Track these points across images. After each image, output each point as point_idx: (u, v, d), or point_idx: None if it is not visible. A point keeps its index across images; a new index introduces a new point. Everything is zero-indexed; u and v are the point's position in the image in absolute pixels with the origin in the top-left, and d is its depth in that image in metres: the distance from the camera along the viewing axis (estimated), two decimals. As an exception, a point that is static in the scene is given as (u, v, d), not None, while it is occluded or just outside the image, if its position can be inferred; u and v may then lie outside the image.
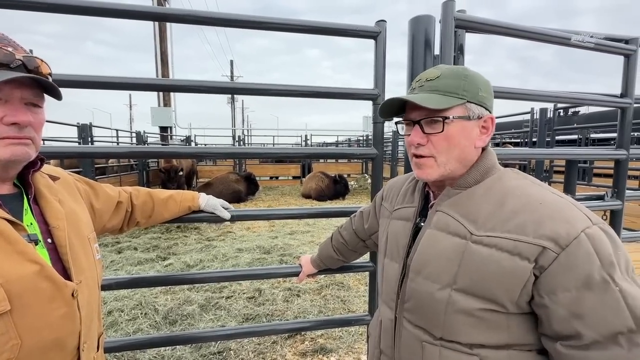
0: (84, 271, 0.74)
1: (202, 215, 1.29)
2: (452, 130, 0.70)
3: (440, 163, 0.72)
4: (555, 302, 0.59)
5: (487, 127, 0.74)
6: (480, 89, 0.72)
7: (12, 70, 0.63)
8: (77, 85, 1.19)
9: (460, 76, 0.71)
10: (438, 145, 0.71)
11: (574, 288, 0.57)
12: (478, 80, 0.72)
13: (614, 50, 1.62)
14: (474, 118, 0.71)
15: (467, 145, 0.72)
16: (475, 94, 0.71)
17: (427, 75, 0.74)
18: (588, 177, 5.79)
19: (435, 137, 0.71)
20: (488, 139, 0.75)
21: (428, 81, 0.73)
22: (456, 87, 0.70)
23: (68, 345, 0.69)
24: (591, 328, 0.56)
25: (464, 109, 0.71)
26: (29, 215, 0.71)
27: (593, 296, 0.56)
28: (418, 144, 0.73)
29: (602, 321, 0.56)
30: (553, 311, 0.59)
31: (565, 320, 0.58)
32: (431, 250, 0.72)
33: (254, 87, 1.36)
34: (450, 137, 0.70)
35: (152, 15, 1.34)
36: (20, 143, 0.67)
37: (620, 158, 1.78)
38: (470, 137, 0.72)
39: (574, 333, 0.58)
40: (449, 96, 0.70)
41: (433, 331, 0.70)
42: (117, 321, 2.74)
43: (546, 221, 0.61)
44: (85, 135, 6.09)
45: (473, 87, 0.71)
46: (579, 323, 0.57)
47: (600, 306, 0.56)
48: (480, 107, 0.72)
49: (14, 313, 0.60)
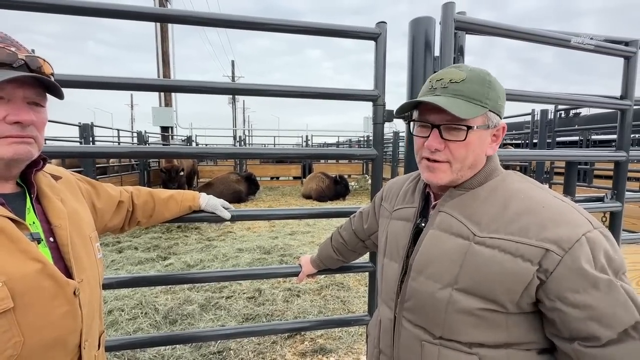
0: (86, 270, 0.75)
1: (203, 215, 1.29)
2: (472, 138, 0.69)
3: (455, 169, 0.71)
4: (569, 305, 0.59)
5: (498, 136, 0.74)
6: (500, 97, 0.71)
7: (14, 70, 0.64)
8: (79, 85, 1.20)
9: (485, 82, 0.69)
10: (456, 152, 0.70)
11: (582, 290, 0.58)
12: (498, 88, 0.71)
13: (613, 52, 1.63)
14: (491, 127, 0.71)
15: (480, 152, 0.72)
16: (495, 103, 0.70)
17: (451, 75, 0.70)
18: (588, 178, 5.79)
19: (455, 144, 0.69)
20: (497, 147, 0.75)
21: (452, 83, 0.69)
22: (481, 95, 0.68)
23: (70, 343, 0.70)
24: (607, 327, 0.58)
25: (485, 118, 0.70)
26: (32, 214, 0.72)
27: (602, 295, 0.58)
28: (436, 149, 0.70)
29: (615, 319, 0.58)
30: (567, 314, 0.60)
31: (581, 321, 0.59)
32: (434, 250, 0.72)
33: (255, 88, 1.36)
34: (469, 145, 0.69)
35: (154, 16, 1.34)
36: (23, 142, 0.68)
37: (620, 160, 1.78)
38: (484, 145, 0.72)
39: (591, 334, 0.59)
40: (474, 103, 0.68)
41: (433, 330, 0.71)
42: (117, 320, 2.75)
43: (549, 224, 0.62)
44: (86, 135, 6.10)
45: (495, 95, 0.70)
46: (595, 324, 0.58)
47: (612, 304, 0.58)
48: (497, 116, 0.72)
49: (16, 311, 0.61)
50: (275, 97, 1.41)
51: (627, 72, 1.70)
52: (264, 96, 1.37)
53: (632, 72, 1.69)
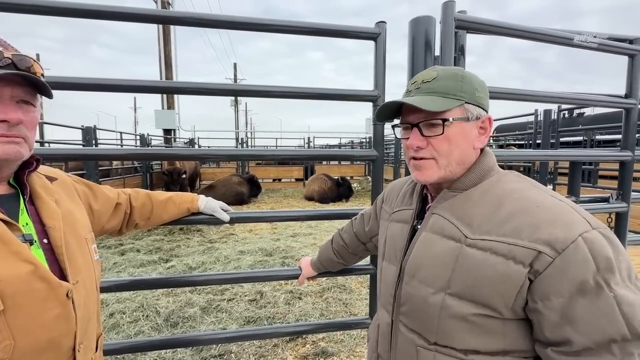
0: (81, 272, 0.74)
1: (202, 217, 1.28)
2: (452, 132, 0.69)
3: (442, 165, 0.71)
4: (548, 308, 0.57)
5: (485, 128, 0.73)
6: (477, 89, 0.71)
7: (0, 69, 0.63)
8: (83, 88, 1.20)
9: (457, 77, 0.70)
10: (439, 147, 0.70)
11: (567, 293, 0.56)
12: (474, 81, 0.71)
13: (618, 50, 1.60)
14: (473, 119, 0.71)
15: (467, 146, 0.71)
16: (472, 95, 0.70)
17: (422, 77, 0.73)
18: (593, 179, 5.73)
19: (435, 139, 0.70)
20: (486, 140, 0.74)
21: (424, 83, 0.71)
22: (453, 89, 0.69)
23: (63, 346, 0.69)
24: (582, 334, 0.55)
25: (463, 110, 0.70)
26: (25, 216, 0.71)
27: (585, 301, 0.55)
28: (418, 147, 0.71)
29: (594, 327, 0.54)
30: (545, 317, 0.58)
31: (556, 325, 0.57)
32: (425, 253, 0.71)
33: (257, 90, 1.36)
34: (450, 139, 0.69)
35: (156, 18, 1.34)
36: (11, 141, 0.67)
37: (626, 160, 1.75)
38: (469, 138, 0.71)
39: (565, 339, 0.56)
40: (447, 98, 0.69)
41: (427, 336, 0.69)
42: (118, 323, 2.75)
43: (543, 225, 0.59)
44: (89, 138, 6.14)
45: (470, 88, 0.70)
46: (570, 329, 0.56)
47: (592, 312, 0.54)
48: (477, 107, 0.71)
49: (7, 313, 0.60)
50: (277, 99, 1.40)
51: (631, 71, 1.68)
52: (265, 97, 1.36)
53: (637, 71, 1.67)
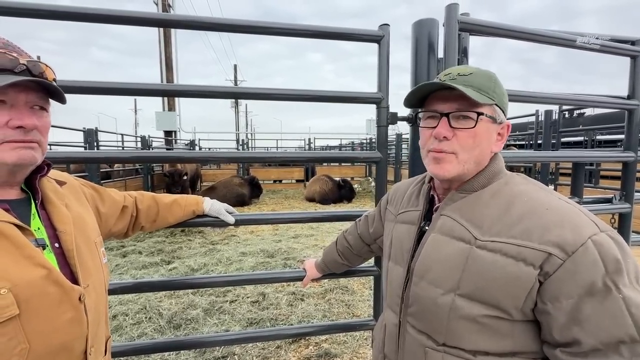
0: (91, 275, 0.75)
1: (206, 220, 1.29)
2: (480, 129, 0.69)
3: (461, 160, 0.70)
4: (557, 309, 0.58)
5: (503, 135, 0.74)
6: (504, 95, 0.73)
7: (16, 75, 0.64)
8: (84, 91, 1.21)
9: (491, 78, 0.71)
10: (464, 141, 0.69)
11: (576, 295, 0.56)
12: (503, 87, 0.74)
13: (620, 51, 1.61)
14: (498, 122, 0.72)
15: (486, 147, 0.72)
16: (501, 99, 0.72)
17: (458, 70, 0.72)
18: (595, 179, 5.73)
19: (464, 132, 0.69)
20: (502, 146, 0.75)
21: (460, 75, 0.70)
22: (488, 87, 0.69)
23: (75, 350, 0.69)
24: (591, 335, 0.55)
25: (493, 110, 0.71)
26: (37, 220, 0.72)
27: (594, 303, 0.55)
28: (444, 137, 0.70)
29: (602, 328, 0.55)
30: (554, 318, 0.58)
31: (565, 326, 0.57)
32: (435, 254, 0.71)
33: (258, 92, 1.36)
34: (477, 135, 0.69)
35: (158, 22, 1.35)
36: (27, 147, 0.67)
37: (628, 160, 1.75)
38: (490, 140, 0.72)
39: (573, 340, 0.57)
40: (482, 94, 0.68)
41: (436, 337, 0.69)
42: (121, 325, 2.75)
43: (552, 227, 0.60)
44: (91, 140, 6.15)
45: (500, 92, 0.72)
46: (578, 330, 0.56)
47: (600, 313, 0.55)
48: (502, 112, 0.73)
49: (22, 317, 0.61)
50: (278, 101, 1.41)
51: (634, 72, 1.68)
52: (269, 100, 1.37)
53: (639, 72, 1.67)
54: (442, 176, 0.73)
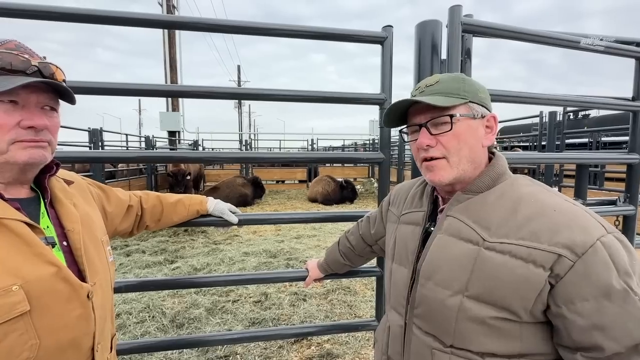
0: (98, 273, 0.76)
1: (210, 219, 1.30)
2: (460, 129, 0.71)
3: (453, 163, 0.71)
4: (574, 312, 0.58)
5: (491, 127, 0.75)
6: (479, 90, 0.74)
7: (28, 76, 0.66)
8: (89, 91, 1.22)
9: (458, 80, 0.74)
10: (448, 144, 0.71)
11: (592, 297, 0.56)
12: (475, 83, 0.75)
13: (625, 53, 1.60)
14: (478, 117, 0.73)
15: (475, 144, 0.73)
16: (475, 94, 0.73)
17: (426, 82, 0.76)
18: (599, 181, 5.68)
19: (444, 136, 0.71)
20: (493, 138, 0.75)
21: (428, 87, 0.74)
22: (456, 89, 0.72)
23: (83, 346, 0.71)
24: (613, 339, 0.55)
25: (467, 107, 0.72)
26: (46, 219, 0.73)
27: (614, 306, 0.55)
28: (427, 145, 0.72)
29: (624, 332, 0.55)
30: (572, 322, 0.58)
31: (585, 331, 0.57)
32: (442, 255, 0.71)
33: (261, 93, 1.37)
34: (459, 135, 0.71)
35: (163, 23, 1.37)
36: (37, 146, 0.69)
37: (633, 162, 1.74)
38: (477, 135, 0.73)
39: (595, 345, 0.57)
40: (450, 97, 0.71)
41: (443, 338, 0.69)
42: (125, 324, 2.77)
43: (561, 228, 0.60)
44: (95, 139, 6.20)
45: (472, 89, 0.73)
46: (600, 334, 0.56)
47: (623, 317, 0.55)
48: (481, 107, 0.74)
49: (32, 313, 0.62)
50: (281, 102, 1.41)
51: (639, 73, 1.67)
52: (273, 101, 1.38)
53: (644, 73, 1.66)
54: (439, 182, 0.74)
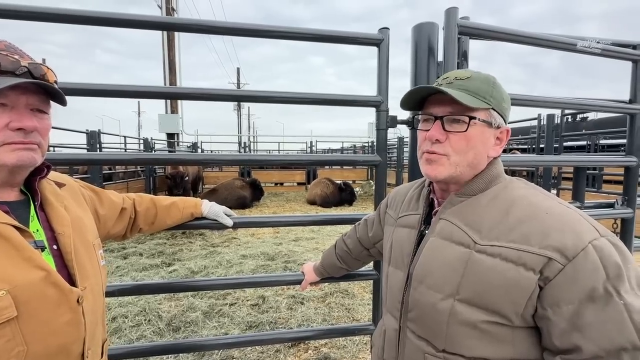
0: (89, 277, 0.75)
1: (205, 222, 1.29)
2: (473, 133, 0.69)
3: (452, 162, 0.70)
4: (558, 315, 0.57)
5: (502, 139, 0.74)
6: (504, 100, 0.72)
7: (17, 77, 0.65)
8: (88, 93, 1.22)
9: (489, 82, 0.71)
10: (456, 144, 0.70)
11: (577, 300, 0.56)
12: (503, 91, 0.73)
13: (621, 55, 1.60)
14: (494, 126, 0.71)
15: (482, 152, 0.71)
16: (499, 103, 0.71)
17: (456, 74, 0.73)
18: (597, 184, 5.69)
19: (456, 136, 0.69)
20: (500, 151, 0.74)
21: (457, 80, 0.71)
22: (485, 92, 0.70)
23: (73, 352, 0.69)
24: (591, 341, 0.54)
25: (488, 114, 0.71)
26: (35, 222, 0.72)
27: (594, 308, 0.55)
28: (437, 140, 0.70)
29: (603, 335, 0.54)
30: (554, 324, 0.57)
31: (565, 333, 0.56)
32: (434, 259, 0.71)
33: (260, 95, 1.37)
34: (470, 139, 0.69)
35: (162, 25, 1.36)
36: (26, 148, 0.68)
37: (631, 165, 1.74)
38: (486, 144, 0.71)
39: (574, 346, 0.56)
40: (477, 98, 0.69)
41: (435, 343, 0.68)
42: (120, 327, 2.74)
43: (552, 231, 0.59)
44: (93, 142, 6.18)
45: (499, 96, 0.71)
46: (579, 336, 0.55)
47: (602, 319, 0.54)
48: (500, 117, 0.72)
49: (20, 319, 0.61)
50: (281, 104, 1.41)
51: (635, 76, 1.68)
52: (270, 102, 1.37)
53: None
54: (434, 177, 0.73)
